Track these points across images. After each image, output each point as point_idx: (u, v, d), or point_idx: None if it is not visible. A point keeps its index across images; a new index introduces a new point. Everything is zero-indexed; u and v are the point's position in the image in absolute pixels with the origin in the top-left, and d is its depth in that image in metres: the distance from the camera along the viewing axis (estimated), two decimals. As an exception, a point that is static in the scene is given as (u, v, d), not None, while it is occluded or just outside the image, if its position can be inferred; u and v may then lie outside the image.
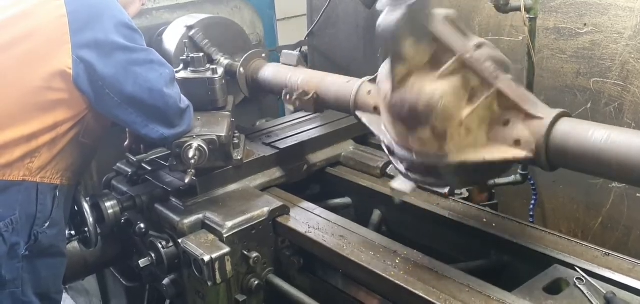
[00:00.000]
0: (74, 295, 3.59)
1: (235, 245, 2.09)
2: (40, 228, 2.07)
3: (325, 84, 2.25)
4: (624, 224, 2.44)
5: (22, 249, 2.03)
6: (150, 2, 3.11)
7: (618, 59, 2.32)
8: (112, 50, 2.01)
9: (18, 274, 2.04)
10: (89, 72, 1.99)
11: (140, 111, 2.10)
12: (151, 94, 2.08)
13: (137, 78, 2.05)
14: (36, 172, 2.04)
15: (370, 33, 3.50)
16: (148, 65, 2.10)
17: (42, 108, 2.01)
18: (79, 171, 2.28)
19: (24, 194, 2.03)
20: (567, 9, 2.47)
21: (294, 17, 4.98)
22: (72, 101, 2.04)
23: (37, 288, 2.11)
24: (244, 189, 2.39)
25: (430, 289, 1.69)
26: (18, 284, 2.05)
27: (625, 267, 1.71)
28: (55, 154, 2.08)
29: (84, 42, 1.98)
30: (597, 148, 1.40)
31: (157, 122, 2.14)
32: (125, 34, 2.05)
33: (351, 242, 2.00)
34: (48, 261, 2.13)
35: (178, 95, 2.20)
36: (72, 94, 2.02)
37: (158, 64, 2.14)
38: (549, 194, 2.69)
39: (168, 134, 2.17)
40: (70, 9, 1.98)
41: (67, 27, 1.97)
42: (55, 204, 2.12)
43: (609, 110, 2.37)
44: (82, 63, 1.98)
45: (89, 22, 1.99)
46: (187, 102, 2.25)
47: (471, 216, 2.08)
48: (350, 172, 2.62)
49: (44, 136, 2.03)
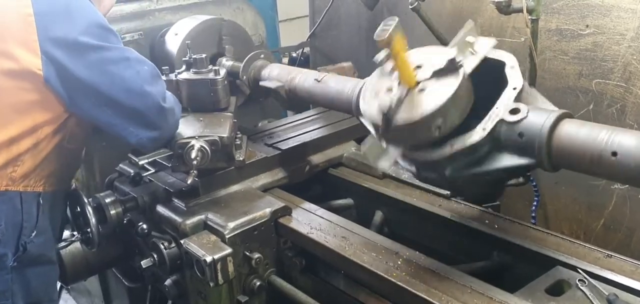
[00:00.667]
0: (76, 296, 3.60)
1: (237, 246, 2.09)
2: (28, 238, 2.03)
3: (327, 82, 2.26)
4: (626, 226, 2.43)
5: (10, 260, 2.00)
6: (153, 4, 3.11)
7: (620, 61, 2.32)
8: (84, 50, 1.94)
9: (7, 286, 2.01)
10: (61, 72, 1.92)
11: (118, 113, 2.03)
12: (128, 94, 2.01)
13: (112, 77, 1.98)
14: (19, 181, 2.00)
15: (372, 35, 3.50)
16: (124, 63, 2.02)
17: (18, 110, 1.95)
18: (64, 177, 2.23)
19: (8, 204, 1.99)
20: (570, 11, 2.46)
21: (296, 18, 5.00)
22: (47, 102, 1.97)
23: (28, 298, 2.08)
24: (246, 190, 2.39)
25: (432, 290, 1.69)
26: (8, 296, 2.02)
27: (627, 268, 1.71)
28: (39, 161, 2.03)
29: (52, 42, 1.90)
30: (600, 149, 1.40)
31: (137, 125, 2.07)
32: (98, 33, 1.98)
33: (353, 243, 2.00)
34: (38, 270, 2.10)
35: (161, 93, 2.11)
36: (45, 95, 1.95)
37: (135, 62, 2.06)
38: (551, 196, 2.69)
39: (147, 137, 2.10)
40: (37, 9, 1.91)
41: (34, 26, 1.90)
42: (40, 212, 2.08)
43: (611, 111, 2.37)
44: (52, 63, 1.91)
45: (58, 22, 1.93)
46: (172, 102, 2.17)
47: (473, 217, 2.08)
48: (352, 173, 2.61)
49: (25, 140, 1.98)
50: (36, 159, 2.02)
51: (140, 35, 2.97)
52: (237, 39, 2.94)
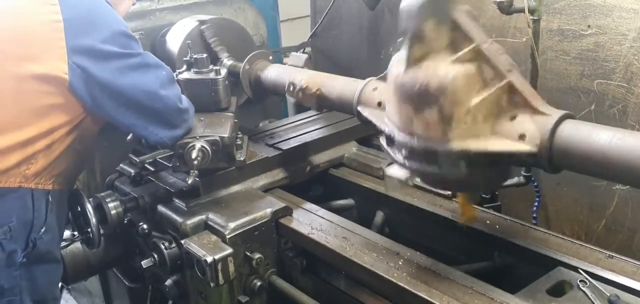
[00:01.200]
0: (76, 296, 3.60)
1: (238, 246, 2.09)
2: (37, 234, 2.06)
3: (329, 82, 2.26)
4: (627, 227, 2.43)
5: (19, 256, 2.02)
6: (154, 3, 3.11)
7: (622, 61, 2.31)
8: (108, 57, 2.01)
9: (16, 282, 2.04)
10: (85, 77, 1.99)
11: (139, 114, 2.11)
12: (148, 96, 2.09)
13: (133, 82, 2.06)
14: (32, 179, 2.03)
15: (373, 34, 3.50)
16: (144, 68, 2.10)
17: (38, 113, 1.99)
18: (71, 176, 2.28)
19: (20, 201, 2.02)
20: (571, 11, 2.46)
21: (297, 18, 4.99)
22: (68, 105, 2.03)
23: (35, 295, 2.11)
24: (246, 190, 2.39)
25: (433, 291, 1.68)
26: (16, 292, 2.04)
27: (629, 269, 1.71)
28: (52, 160, 2.07)
29: (79, 49, 1.97)
30: (602, 150, 1.39)
31: (156, 124, 2.15)
32: (121, 42, 2.06)
33: (354, 243, 1.99)
34: (44, 267, 2.13)
35: (177, 95, 2.20)
36: (67, 99, 2.01)
37: (154, 67, 2.15)
38: (553, 196, 2.69)
39: (167, 136, 2.17)
40: (66, 16, 1.97)
41: (63, 33, 1.95)
42: (49, 210, 2.11)
43: (612, 112, 2.36)
44: (78, 69, 1.97)
45: (85, 30, 1.99)
46: (186, 103, 2.25)
47: (474, 218, 2.08)
48: (353, 174, 2.61)
49: (40, 142, 2.02)
50: (49, 159, 2.06)
51: (141, 35, 2.97)
52: (228, 35, 2.91)
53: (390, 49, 1.71)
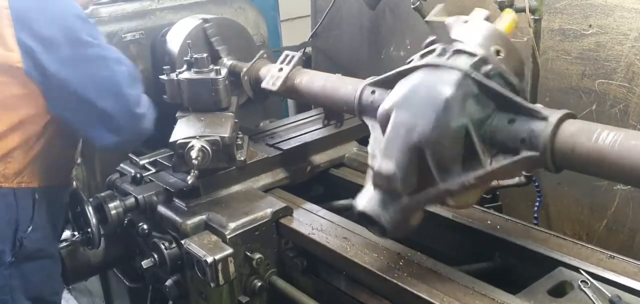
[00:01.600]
0: (77, 296, 3.60)
1: (238, 246, 2.08)
2: (24, 233, 2.03)
3: (330, 81, 2.26)
4: (629, 227, 2.42)
5: (7, 256, 2.00)
6: (154, 3, 3.11)
7: (623, 61, 2.31)
8: (56, 46, 1.90)
9: (6, 281, 2.02)
10: (38, 66, 1.89)
11: (88, 113, 1.99)
12: (101, 94, 1.96)
13: (86, 76, 1.94)
14: (12, 178, 1.99)
15: (374, 34, 3.50)
16: (100, 62, 1.97)
17: (4, 105, 1.93)
18: (60, 172, 2.22)
19: (2, 201, 1.98)
20: (572, 10, 2.46)
21: (297, 18, 4.99)
22: (31, 96, 1.94)
23: (29, 293, 2.09)
24: (247, 190, 2.39)
25: (434, 291, 1.68)
26: (7, 292, 2.02)
27: (630, 270, 1.70)
28: (31, 157, 2.02)
29: (28, 35, 1.87)
30: (603, 150, 1.39)
31: (104, 128, 2.02)
32: (74, 29, 1.93)
33: (354, 244, 1.99)
34: (37, 265, 2.10)
35: (136, 97, 2.07)
36: (29, 88, 1.93)
37: (113, 61, 2.01)
38: (554, 196, 2.68)
39: (111, 142, 2.06)
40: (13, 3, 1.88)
41: (10, 19, 1.87)
42: (36, 207, 2.07)
43: (614, 112, 2.36)
44: (30, 56, 1.88)
45: (32, 14, 1.89)
46: (145, 107, 2.12)
47: (475, 218, 2.07)
48: (353, 174, 2.61)
49: (13, 137, 1.96)
50: (28, 156, 2.01)
51: (141, 35, 2.96)
52: (230, 34, 2.90)
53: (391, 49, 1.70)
